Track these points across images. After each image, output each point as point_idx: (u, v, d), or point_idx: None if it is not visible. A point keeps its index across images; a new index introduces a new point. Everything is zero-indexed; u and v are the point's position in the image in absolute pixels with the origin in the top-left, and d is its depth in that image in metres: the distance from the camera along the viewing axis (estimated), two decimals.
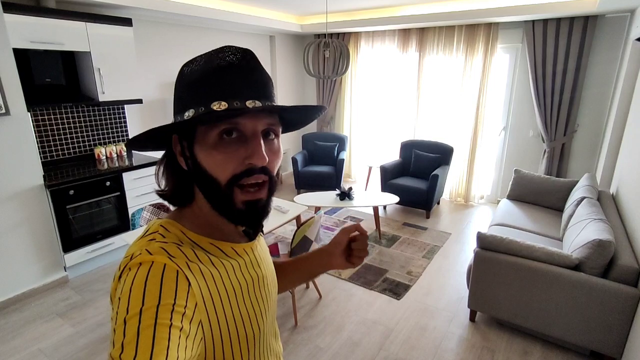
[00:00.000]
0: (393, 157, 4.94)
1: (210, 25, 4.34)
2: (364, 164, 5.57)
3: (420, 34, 4.66)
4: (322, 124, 5.75)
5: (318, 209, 3.71)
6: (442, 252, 3.48)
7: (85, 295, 2.78)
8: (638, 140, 2.52)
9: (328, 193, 3.86)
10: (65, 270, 2.96)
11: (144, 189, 3.31)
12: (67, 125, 3.24)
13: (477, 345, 2.28)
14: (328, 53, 3.74)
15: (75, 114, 3.29)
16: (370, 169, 5.32)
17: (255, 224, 0.61)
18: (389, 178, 4.44)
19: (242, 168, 0.54)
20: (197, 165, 0.56)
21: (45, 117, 3.09)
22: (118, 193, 3.14)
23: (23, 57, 2.63)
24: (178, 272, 0.49)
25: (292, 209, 2.96)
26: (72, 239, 2.91)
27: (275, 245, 2.62)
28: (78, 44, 2.91)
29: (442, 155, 4.44)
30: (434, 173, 4.10)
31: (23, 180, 2.63)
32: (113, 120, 3.57)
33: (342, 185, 4.28)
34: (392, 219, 4.25)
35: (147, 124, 3.86)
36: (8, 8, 2.49)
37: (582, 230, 2.26)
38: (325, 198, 3.72)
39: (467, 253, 3.45)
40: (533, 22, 3.88)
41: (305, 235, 2.32)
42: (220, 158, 0.54)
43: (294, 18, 4.99)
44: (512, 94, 4.36)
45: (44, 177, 2.76)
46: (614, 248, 2.05)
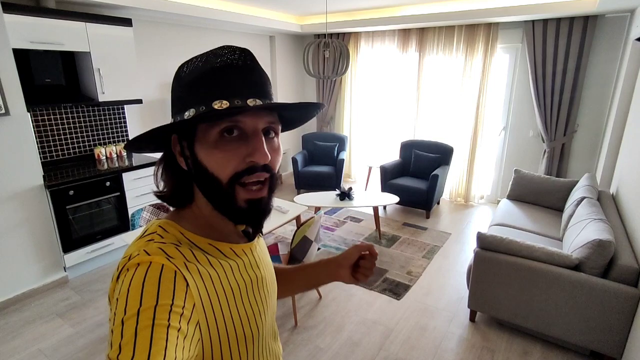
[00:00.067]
0: (393, 157, 4.93)
1: (210, 25, 4.34)
2: (364, 164, 5.57)
3: (420, 34, 4.66)
4: (322, 124, 5.75)
5: (318, 209, 3.71)
6: (442, 252, 3.48)
7: (85, 296, 2.78)
8: (638, 140, 2.52)
9: (328, 193, 3.86)
10: (65, 271, 2.96)
11: (144, 189, 3.32)
12: (67, 126, 3.24)
13: (477, 345, 2.28)
14: (328, 53, 3.74)
15: (75, 114, 3.29)
16: (370, 169, 5.32)
17: (257, 223, 0.61)
18: (389, 178, 4.44)
19: (243, 166, 0.54)
20: (197, 165, 0.56)
21: (45, 117, 3.09)
22: (118, 193, 3.14)
23: (23, 57, 2.64)
24: (176, 272, 0.49)
25: (292, 209, 2.96)
26: (72, 239, 2.91)
27: (275, 246, 2.62)
28: (78, 44, 2.91)
29: (442, 155, 4.43)
30: (434, 173, 4.10)
31: (23, 181, 2.63)
32: (113, 121, 3.57)
33: (342, 186, 4.28)
34: (392, 219, 4.24)
35: (147, 124, 3.86)
36: (8, 8, 2.49)
37: (582, 230, 2.26)
38: (325, 198, 3.72)
39: (467, 253, 3.45)
40: (533, 22, 3.88)
41: (305, 236, 2.32)
42: (222, 156, 0.54)
43: (294, 18, 4.99)
44: (512, 94, 4.36)
45: (44, 177, 2.76)
46: (614, 248, 2.05)
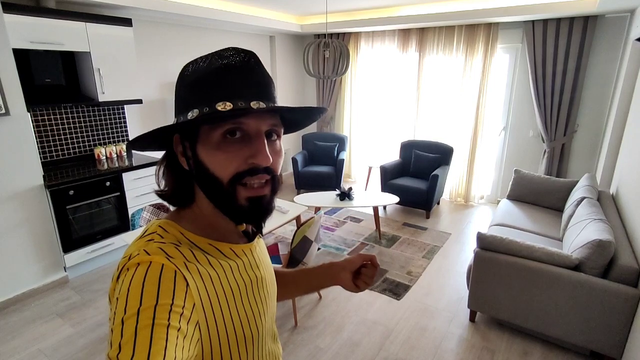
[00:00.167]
0: (393, 157, 4.93)
1: (210, 26, 4.34)
2: (364, 164, 5.57)
3: (420, 34, 4.66)
4: (322, 124, 5.75)
5: (318, 209, 3.71)
6: (442, 252, 3.48)
7: (85, 296, 2.78)
8: (638, 140, 2.52)
9: (328, 193, 3.86)
10: (65, 271, 2.96)
11: (144, 189, 3.31)
12: (67, 126, 3.24)
13: (477, 346, 2.28)
14: (328, 53, 3.74)
15: (75, 114, 3.29)
16: (370, 169, 5.32)
17: (258, 221, 0.61)
18: (389, 178, 4.44)
19: (245, 167, 0.54)
20: (199, 165, 0.56)
21: (45, 117, 3.09)
22: (118, 193, 3.14)
23: (23, 57, 2.63)
24: (176, 272, 0.49)
25: (292, 209, 2.97)
26: (72, 239, 2.91)
27: (275, 246, 2.62)
28: (78, 44, 2.91)
29: (442, 156, 4.43)
30: (434, 173, 4.10)
31: (23, 181, 2.63)
32: (113, 121, 3.57)
33: (342, 186, 4.28)
34: (392, 219, 4.24)
35: (147, 124, 3.86)
36: (8, 8, 2.49)
37: (582, 231, 2.26)
38: (325, 198, 3.72)
39: (467, 253, 3.45)
40: (533, 22, 3.88)
41: (305, 236, 2.32)
42: (224, 157, 0.54)
43: (294, 18, 4.99)
44: (512, 94, 4.36)
45: (44, 177, 2.76)
46: (614, 248, 2.04)
